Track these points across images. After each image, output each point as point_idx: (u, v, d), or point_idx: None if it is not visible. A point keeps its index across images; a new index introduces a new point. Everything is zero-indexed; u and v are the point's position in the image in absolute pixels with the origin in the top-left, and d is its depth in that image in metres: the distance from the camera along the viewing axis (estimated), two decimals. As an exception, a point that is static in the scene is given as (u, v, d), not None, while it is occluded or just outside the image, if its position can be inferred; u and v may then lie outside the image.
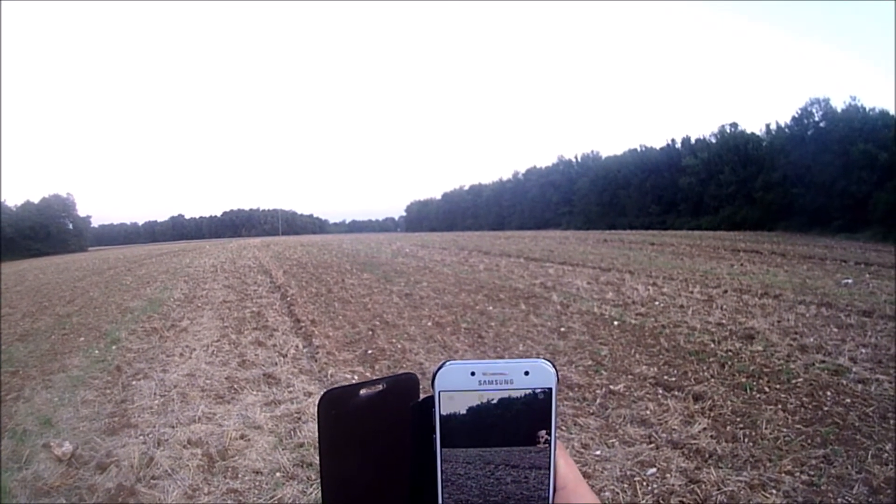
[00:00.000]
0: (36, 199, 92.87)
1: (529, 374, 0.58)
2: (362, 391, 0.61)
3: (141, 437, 4.82)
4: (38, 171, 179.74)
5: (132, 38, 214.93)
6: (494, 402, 0.58)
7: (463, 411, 0.58)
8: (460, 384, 0.58)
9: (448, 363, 0.59)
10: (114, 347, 8.48)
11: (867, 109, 43.28)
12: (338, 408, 0.60)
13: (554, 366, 0.60)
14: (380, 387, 0.62)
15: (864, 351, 6.58)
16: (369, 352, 7.41)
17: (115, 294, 15.61)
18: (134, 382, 6.52)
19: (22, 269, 36.50)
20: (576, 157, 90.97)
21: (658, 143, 71.07)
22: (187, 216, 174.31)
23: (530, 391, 0.58)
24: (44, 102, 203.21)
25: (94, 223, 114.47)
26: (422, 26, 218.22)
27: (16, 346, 9.40)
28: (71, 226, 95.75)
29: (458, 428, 0.58)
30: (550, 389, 0.59)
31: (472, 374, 0.58)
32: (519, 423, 0.58)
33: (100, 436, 4.93)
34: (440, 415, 0.58)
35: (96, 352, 8.34)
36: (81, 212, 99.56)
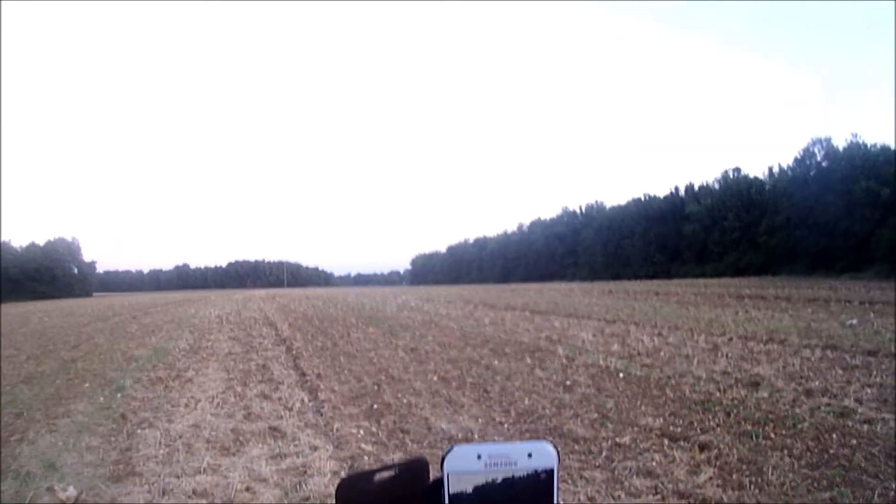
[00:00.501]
0: (41, 242, 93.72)
1: (532, 455, 0.61)
2: (376, 477, 0.64)
3: (146, 486, 4.82)
4: (43, 214, 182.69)
5: (146, 87, 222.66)
6: (500, 482, 0.60)
7: (470, 492, 0.60)
8: (468, 467, 0.60)
9: (456, 447, 0.61)
10: (119, 395, 8.47)
11: (868, 146, 43.80)
12: (355, 492, 0.63)
13: (556, 447, 0.62)
14: (392, 472, 0.64)
15: (869, 391, 6.58)
16: (375, 406, 7.41)
17: (121, 342, 15.65)
18: (139, 431, 6.50)
19: (27, 310, 36.59)
20: (580, 208, 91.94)
21: (662, 190, 72.02)
22: (192, 266, 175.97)
23: (533, 472, 0.60)
24: (54, 146, 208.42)
25: (99, 269, 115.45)
26: (427, 76, 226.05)
27: (20, 388, 9.41)
28: (76, 270, 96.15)
29: None
30: (552, 470, 0.61)
31: (479, 456, 0.60)
32: (523, 503, 0.61)
33: (104, 482, 4.93)
34: (449, 496, 0.60)
35: (101, 399, 8.33)
36: (86, 257, 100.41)
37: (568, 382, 8.28)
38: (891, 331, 10.46)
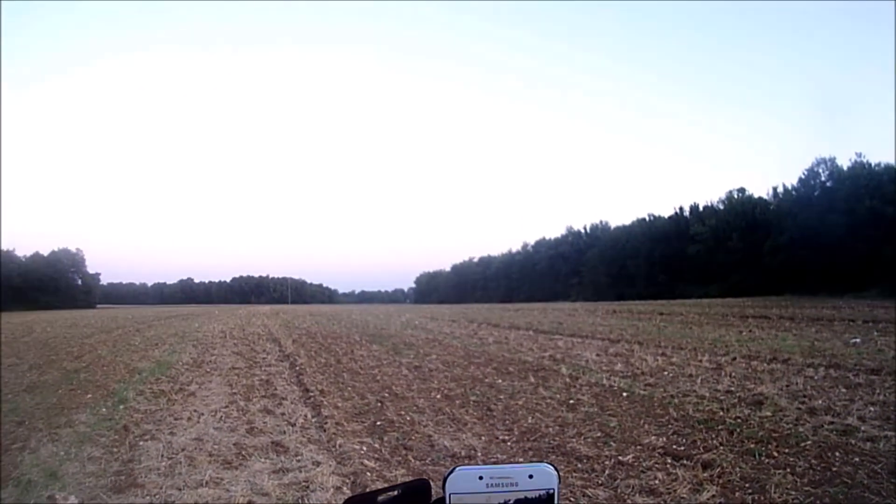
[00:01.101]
0: (45, 252, 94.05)
1: (533, 477, 0.63)
2: (380, 498, 0.65)
3: (147, 498, 4.82)
4: (47, 224, 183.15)
5: (154, 99, 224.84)
6: None
7: None
8: (469, 488, 0.62)
9: (458, 469, 0.64)
10: (121, 407, 8.46)
11: (873, 165, 43.90)
12: None
13: (556, 469, 0.65)
14: (395, 493, 0.66)
15: (872, 409, 6.58)
16: (378, 423, 7.41)
17: (124, 354, 15.64)
18: (141, 443, 6.50)
19: (30, 320, 36.64)
20: (585, 228, 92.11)
21: (666, 210, 71.98)
22: (196, 280, 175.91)
23: (534, 494, 0.62)
24: (60, 156, 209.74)
25: (103, 281, 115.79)
26: (431, 100, 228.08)
27: (22, 396, 9.44)
28: (80, 281, 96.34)
29: None
30: (553, 491, 0.63)
31: (480, 478, 0.62)
32: None
33: (106, 493, 4.93)
34: None
35: (104, 410, 8.33)
36: (91, 268, 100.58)
37: (571, 401, 8.27)
38: (894, 349, 10.45)
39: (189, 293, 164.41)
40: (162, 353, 15.73)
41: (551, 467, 0.65)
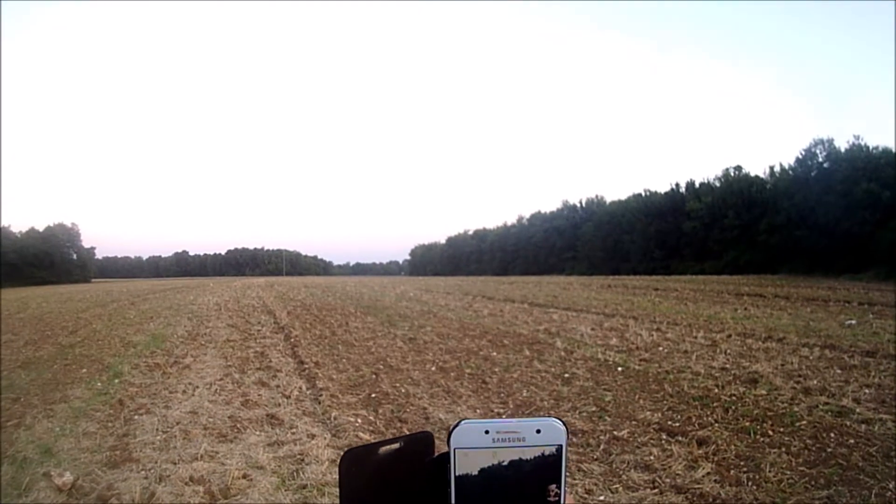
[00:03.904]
0: (41, 227, 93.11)
1: (541, 432, 0.61)
2: (380, 450, 0.64)
3: (143, 472, 4.81)
4: (42, 199, 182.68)
5: (147, 76, 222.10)
6: (507, 459, 0.61)
7: (477, 468, 0.61)
8: (475, 442, 0.61)
9: (463, 422, 0.62)
10: (116, 381, 8.47)
11: (870, 148, 43.59)
12: (358, 465, 0.64)
13: (564, 424, 0.63)
14: (397, 445, 0.65)
15: (867, 391, 6.60)
16: (373, 395, 7.42)
17: (119, 328, 15.64)
18: (136, 417, 6.50)
19: (24, 296, 36.59)
20: (580, 203, 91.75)
21: (662, 186, 71.76)
22: (191, 253, 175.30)
23: (542, 448, 0.61)
24: (55, 132, 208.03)
25: (98, 255, 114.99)
26: (428, 70, 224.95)
27: (17, 372, 9.42)
28: (75, 256, 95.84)
29: (472, 483, 0.61)
30: (561, 446, 0.62)
31: (487, 432, 0.61)
32: (531, 478, 0.61)
33: (101, 468, 4.92)
34: (455, 471, 0.61)
35: (98, 384, 8.33)
36: (85, 243, 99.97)
37: (566, 375, 8.29)
38: (889, 332, 10.48)
39: (184, 266, 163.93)
40: (157, 326, 15.72)
41: (560, 422, 0.63)
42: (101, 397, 7.54)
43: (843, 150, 45.06)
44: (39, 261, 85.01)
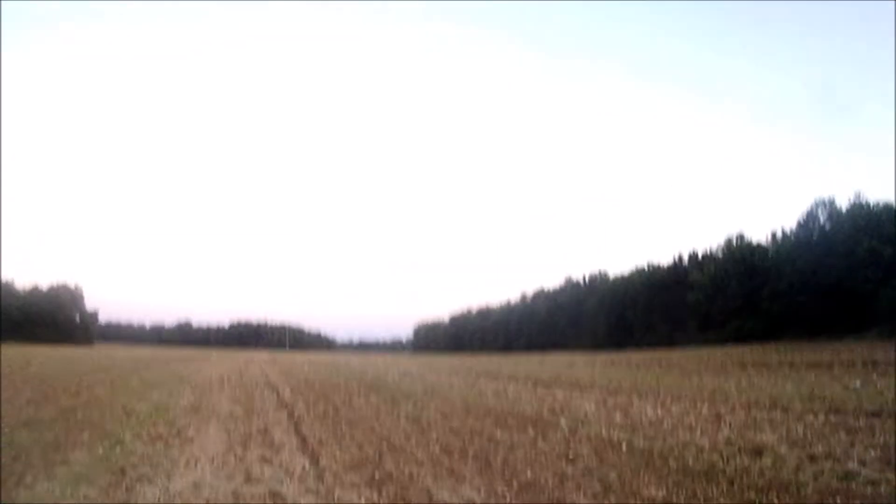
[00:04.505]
0: (45, 286, 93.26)
1: None
2: None
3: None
4: (47, 258, 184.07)
5: (157, 142, 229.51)
6: None
7: None
8: None
9: None
10: (118, 448, 8.35)
11: (871, 205, 44.18)
12: None
13: None
14: None
15: (872, 453, 6.62)
16: (376, 475, 7.33)
17: (121, 394, 15.45)
18: (138, 486, 6.41)
19: (27, 353, 36.11)
20: (584, 278, 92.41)
21: (665, 258, 72.39)
22: (195, 324, 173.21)
23: None
24: (63, 191, 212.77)
25: (101, 319, 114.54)
26: (432, 144, 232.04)
27: (19, 431, 9.29)
28: (78, 318, 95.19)
29: None
30: None
31: None
32: None
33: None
34: None
35: (100, 450, 8.21)
36: (89, 306, 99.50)
37: (570, 454, 8.21)
38: (893, 391, 10.45)
39: (187, 336, 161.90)
40: (159, 395, 15.56)
41: None
42: (103, 463, 7.45)
43: (844, 209, 45.70)
44: (42, 319, 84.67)
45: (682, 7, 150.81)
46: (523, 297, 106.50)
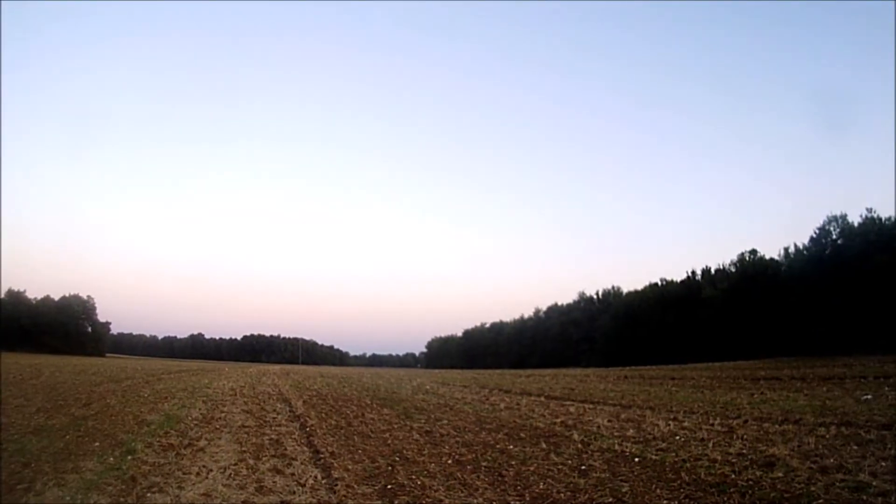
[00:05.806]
0: (56, 296, 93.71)
1: None
2: None
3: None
4: (59, 268, 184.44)
5: (171, 157, 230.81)
6: None
7: None
8: None
9: None
10: (129, 458, 8.45)
11: (883, 220, 43.93)
12: None
13: None
14: None
15: (883, 464, 6.65)
16: (388, 487, 7.43)
17: (132, 405, 15.55)
18: (149, 495, 6.50)
19: (38, 363, 36.45)
20: (597, 294, 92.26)
21: (679, 273, 72.03)
22: (207, 336, 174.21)
23: None
24: (77, 202, 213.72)
25: (113, 330, 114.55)
26: (445, 161, 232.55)
27: (29, 438, 9.43)
28: (90, 329, 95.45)
29: None
30: None
31: None
32: None
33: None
34: None
35: (111, 459, 8.31)
36: (101, 317, 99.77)
37: (583, 467, 8.26)
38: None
39: (199, 348, 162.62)
40: (171, 407, 15.68)
41: None
42: (114, 472, 7.53)
43: (856, 224, 45.45)
44: (53, 330, 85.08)
45: (698, 38, 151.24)
46: (537, 312, 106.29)
